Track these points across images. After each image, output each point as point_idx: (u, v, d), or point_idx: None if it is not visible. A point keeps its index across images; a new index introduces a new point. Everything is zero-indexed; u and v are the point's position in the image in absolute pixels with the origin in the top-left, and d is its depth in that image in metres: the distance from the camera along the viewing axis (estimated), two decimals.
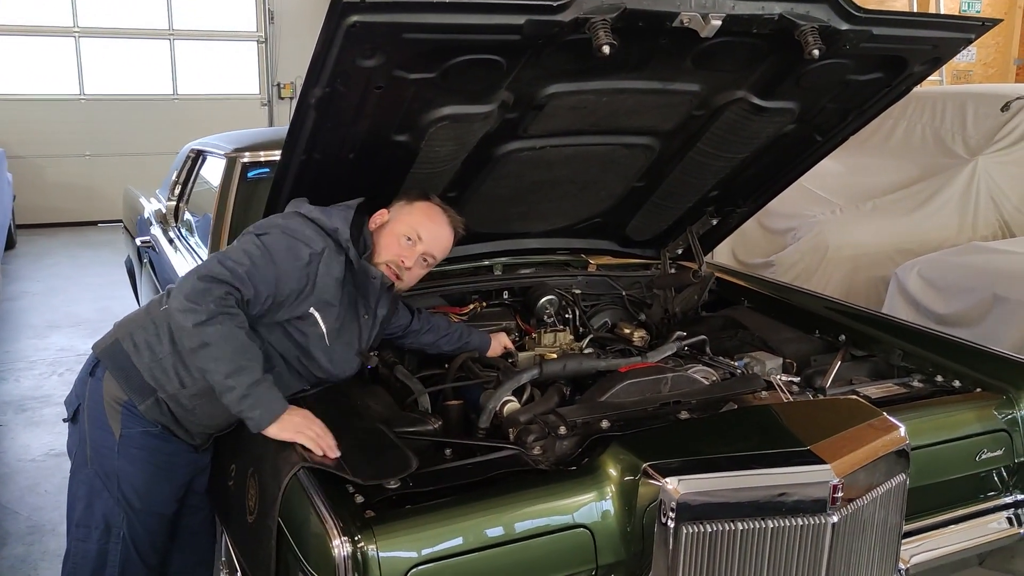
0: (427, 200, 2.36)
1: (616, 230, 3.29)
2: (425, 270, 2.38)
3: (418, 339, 2.66)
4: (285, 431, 1.95)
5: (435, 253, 2.34)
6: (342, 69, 1.89)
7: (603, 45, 1.91)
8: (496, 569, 1.76)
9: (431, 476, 1.89)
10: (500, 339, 2.81)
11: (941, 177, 5.45)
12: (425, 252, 2.31)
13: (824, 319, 3.07)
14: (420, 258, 2.31)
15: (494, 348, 2.77)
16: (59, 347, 6.03)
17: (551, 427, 2.13)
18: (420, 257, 2.31)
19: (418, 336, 2.65)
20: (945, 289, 4.26)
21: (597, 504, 1.87)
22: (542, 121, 2.42)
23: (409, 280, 2.35)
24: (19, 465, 4.22)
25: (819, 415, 2.17)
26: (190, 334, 1.98)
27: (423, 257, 2.32)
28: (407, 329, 2.62)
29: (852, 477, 1.88)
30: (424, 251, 2.31)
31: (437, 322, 2.69)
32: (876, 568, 2.03)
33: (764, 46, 2.27)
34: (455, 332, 2.70)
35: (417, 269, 2.33)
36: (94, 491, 2.21)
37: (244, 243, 2.13)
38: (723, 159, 2.82)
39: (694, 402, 2.29)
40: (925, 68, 2.49)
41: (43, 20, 10.67)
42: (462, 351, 2.69)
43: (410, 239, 2.29)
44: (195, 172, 4.34)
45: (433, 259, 2.36)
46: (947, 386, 2.56)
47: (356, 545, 1.62)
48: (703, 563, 1.82)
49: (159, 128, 11.05)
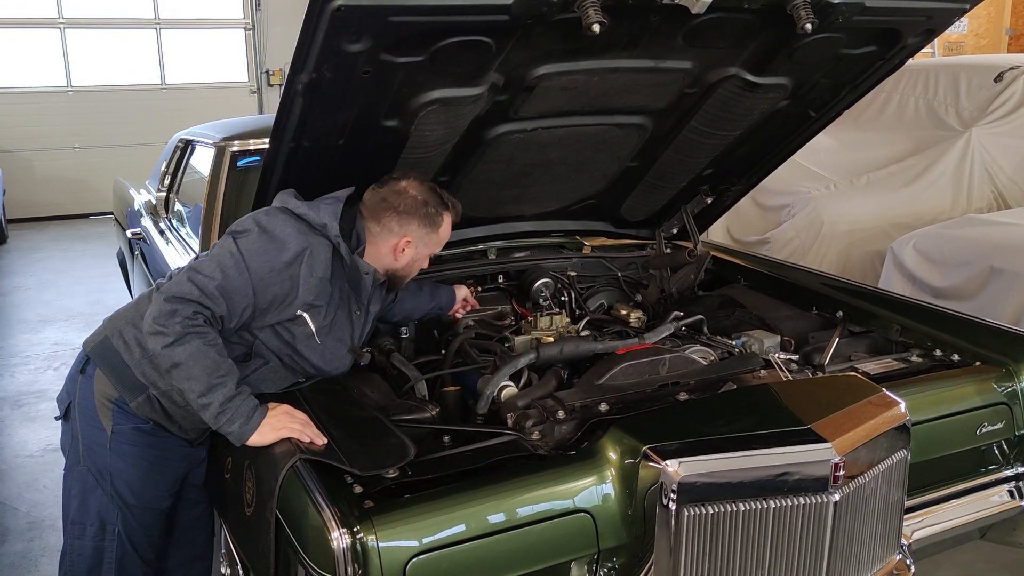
0: (445, 215, 2.30)
1: (610, 211, 3.26)
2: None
3: (401, 308, 2.65)
4: (267, 436, 1.93)
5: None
6: (328, 54, 1.86)
7: (593, 24, 1.88)
8: (497, 556, 1.75)
9: (430, 464, 1.88)
10: (460, 291, 2.83)
11: (935, 150, 5.43)
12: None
13: (821, 296, 3.05)
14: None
15: (457, 299, 2.80)
16: (53, 341, 6.00)
17: (549, 412, 2.12)
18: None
19: (400, 304, 2.64)
20: (941, 262, 4.25)
21: (598, 488, 1.85)
22: (533, 103, 2.39)
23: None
24: (17, 461, 4.20)
25: (818, 393, 2.16)
26: (160, 356, 1.95)
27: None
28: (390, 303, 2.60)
29: (853, 455, 1.87)
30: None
31: (408, 286, 2.66)
32: (879, 545, 2.03)
33: (756, 21, 2.23)
34: (425, 292, 2.72)
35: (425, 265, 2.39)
36: (88, 488, 2.20)
37: (219, 250, 2.05)
38: (716, 137, 2.79)
39: (692, 383, 2.28)
40: (919, 40, 2.46)
41: (27, 12, 10.58)
42: (436, 309, 2.74)
43: (431, 254, 2.35)
44: (184, 162, 4.31)
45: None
46: (946, 360, 2.55)
47: (355, 536, 1.61)
48: (705, 544, 1.81)
49: (148, 118, 10.98)
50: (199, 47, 11.52)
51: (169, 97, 11.31)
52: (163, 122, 10.52)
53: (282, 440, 1.91)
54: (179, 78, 11.42)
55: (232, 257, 2.02)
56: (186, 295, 1.95)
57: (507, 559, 1.76)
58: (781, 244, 5.17)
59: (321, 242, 2.10)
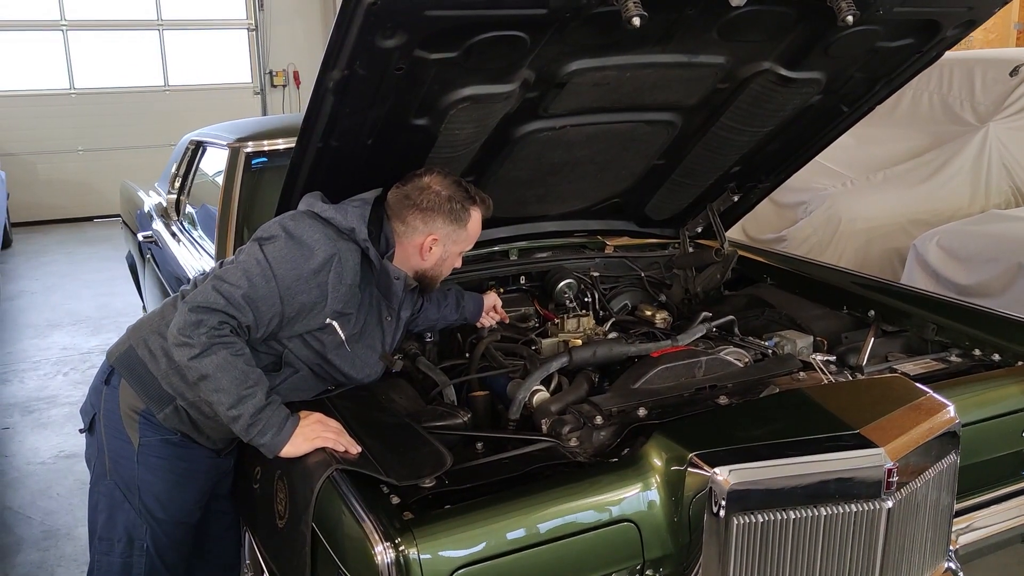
0: (473, 210, 2.21)
1: (635, 210, 3.20)
2: None
3: (426, 317, 2.58)
4: (300, 447, 1.87)
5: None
6: (362, 51, 1.80)
7: (633, 16, 1.81)
8: (541, 568, 1.69)
9: (467, 473, 1.82)
10: (489, 299, 2.74)
11: (951, 145, 5.37)
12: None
13: (850, 294, 2.99)
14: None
15: (486, 309, 2.71)
16: (62, 346, 5.94)
17: (586, 417, 2.06)
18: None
19: (426, 313, 2.56)
20: (966, 259, 4.19)
21: (642, 496, 1.79)
22: (563, 99, 2.33)
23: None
24: (29, 469, 4.14)
25: (863, 396, 2.10)
26: (187, 368, 1.90)
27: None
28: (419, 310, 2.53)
29: (904, 460, 1.80)
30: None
31: (435, 294, 2.60)
32: (930, 551, 1.97)
33: (793, 14, 2.18)
34: (451, 301, 2.63)
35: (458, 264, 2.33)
36: (115, 503, 2.14)
37: (246, 257, 1.99)
38: (747, 133, 2.73)
39: (731, 386, 2.22)
40: (958, 32, 2.40)
41: (30, 14, 10.52)
42: (463, 318, 2.66)
43: (461, 253, 2.28)
44: (195, 164, 4.25)
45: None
46: (986, 360, 2.49)
47: (399, 550, 1.55)
48: (755, 554, 1.75)
49: (151, 120, 10.93)
50: (202, 48, 11.47)
51: (172, 99, 11.26)
52: (166, 124, 10.51)
53: (316, 450, 1.86)
54: (182, 80, 11.37)
55: (259, 265, 1.96)
56: (211, 304, 1.89)
57: (551, 570, 1.70)
58: (798, 242, 5.11)
59: (349, 247, 2.04)
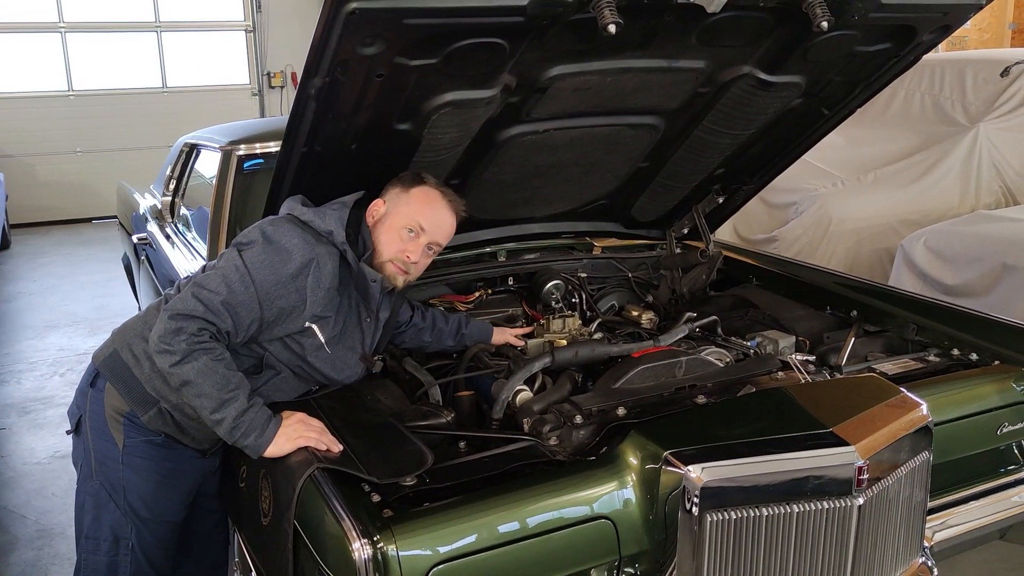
0: (423, 184, 2.22)
1: (621, 212, 3.24)
2: (430, 259, 2.27)
3: (419, 336, 2.57)
4: (283, 447, 1.91)
5: (439, 241, 2.23)
6: (342, 58, 1.83)
7: (609, 24, 1.85)
8: (518, 564, 1.72)
9: (447, 471, 1.85)
10: (505, 333, 2.71)
11: (942, 146, 5.40)
12: (429, 242, 2.20)
13: (834, 295, 3.02)
14: (425, 248, 2.20)
15: (497, 339, 2.68)
16: (59, 347, 5.98)
17: (567, 416, 2.10)
18: (425, 248, 2.20)
19: (419, 333, 2.57)
20: (953, 260, 4.22)
21: (618, 494, 1.83)
22: (545, 104, 2.36)
23: (416, 272, 2.25)
24: (25, 469, 4.18)
25: (838, 395, 2.13)
26: (169, 374, 1.94)
27: (428, 247, 2.21)
28: (408, 324, 2.55)
29: (876, 457, 1.84)
30: (428, 241, 2.19)
31: (435, 317, 2.60)
32: (903, 547, 2.00)
33: (771, 19, 2.21)
34: (453, 326, 2.61)
35: (423, 260, 2.23)
36: (100, 503, 2.17)
37: (225, 263, 2.01)
38: (729, 136, 2.77)
39: (710, 385, 2.25)
40: (934, 36, 2.44)
41: (28, 16, 10.56)
42: (461, 344, 2.63)
43: (412, 231, 2.17)
44: (190, 166, 4.28)
45: (438, 247, 2.25)
46: (964, 359, 2.52)
47: (376, 547, 1.58)
48: (729, 550, 1.79)
49: (149, 122, 10.98)
50: (200, 50, 11.52)
51: (170, 100, 11.31)
52: (164, 125, 10.54)
53: (298, 449, 1.89)
54: (180, 81, 11.42)
55: (237, 271, 1.98)
56: (191, 312, 1.92)
57: (528, 567, 1.74)
58: (789, 242, 5.14)
59: (328, 250, 2.05)
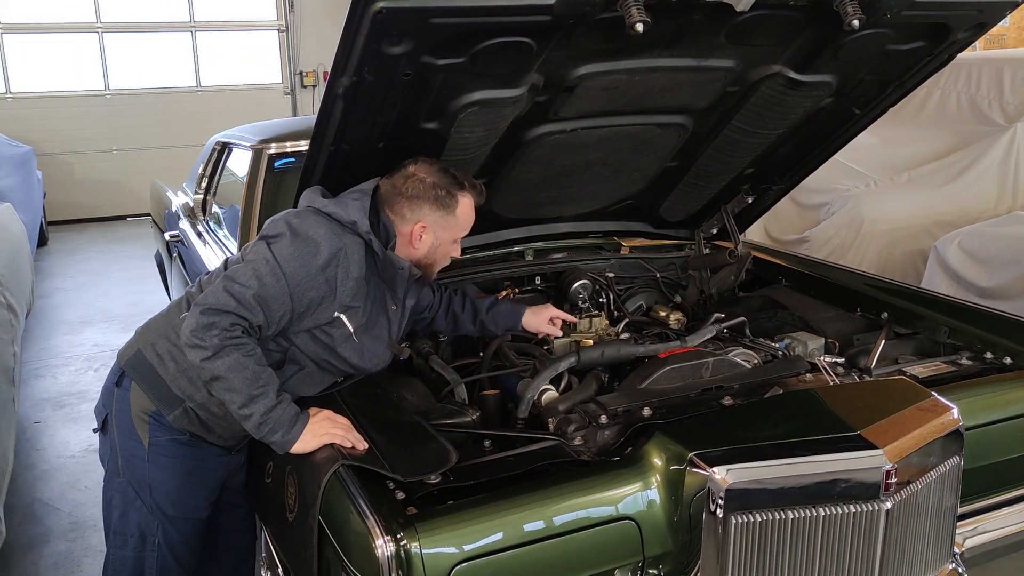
0: (460, 197, 2.18)
1: (649, 211, 3.22)
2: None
3: (438, 321, 2.58)
4: (310, 443, 1.92)
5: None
6: (369, 57, 1.84)
7: (636, 23, 1.84)
8: (541, 564, 1.72)
9: (471, 470, 1.85)
10: (546, 312, 2.60)
11: (978, 146, 5.32)
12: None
13: (865, 296, 2.99)
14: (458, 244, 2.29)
15: (529, 323, 2.59)
16: (93, 342, 6.08)
17: (592, 416, 2.09)
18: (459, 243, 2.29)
19: (438, 318, 2.57)
20: (987, 261, 4.16)
21: (643, 494, 1.82)
22: (573, 103, 2.36)
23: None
24: (59, 462, 4.25)
25: (867, 397, 2.11)
26: (200, 369, 1.95)
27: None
28: (433, 309, 2.55)
29: (905, 461, 1.82)
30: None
31: (453, 300, 2.58)
32: (931, 553, 1.98)
33: (801, 18, 2.19)
34: (468, 312, 2.57)
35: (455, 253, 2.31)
36: (127, 500, 2.20)
37: (254, 256, 2.01)
38: (758, 136, 2.74)
39: (737, 387, 2.24)
40: (969, 35, 2.40)
41: (66, 17, 10.74)
42: (483, 331, 2.60)
43: (456, 240, 2.25)
44: (221, 165, 4.33)
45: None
46: (998, 363, 2.47)
47: (399, 544, 1.59)
48: (753, 553, 1.78)
49: (184, 121, 11.10)
50: (233, 49, 11.64)
51: (204, 99, 11.43)
52: (198, 124, 10.65)
53: (325, 446, 1.91)
54: (214, 80, 11.54)
55: (268, 264, 1.99)
56: (222, 306, 1.93)
57: (551, 566, 1.74)
58: (820, 243, 5.09)
59: (354, 240, 2.06)
